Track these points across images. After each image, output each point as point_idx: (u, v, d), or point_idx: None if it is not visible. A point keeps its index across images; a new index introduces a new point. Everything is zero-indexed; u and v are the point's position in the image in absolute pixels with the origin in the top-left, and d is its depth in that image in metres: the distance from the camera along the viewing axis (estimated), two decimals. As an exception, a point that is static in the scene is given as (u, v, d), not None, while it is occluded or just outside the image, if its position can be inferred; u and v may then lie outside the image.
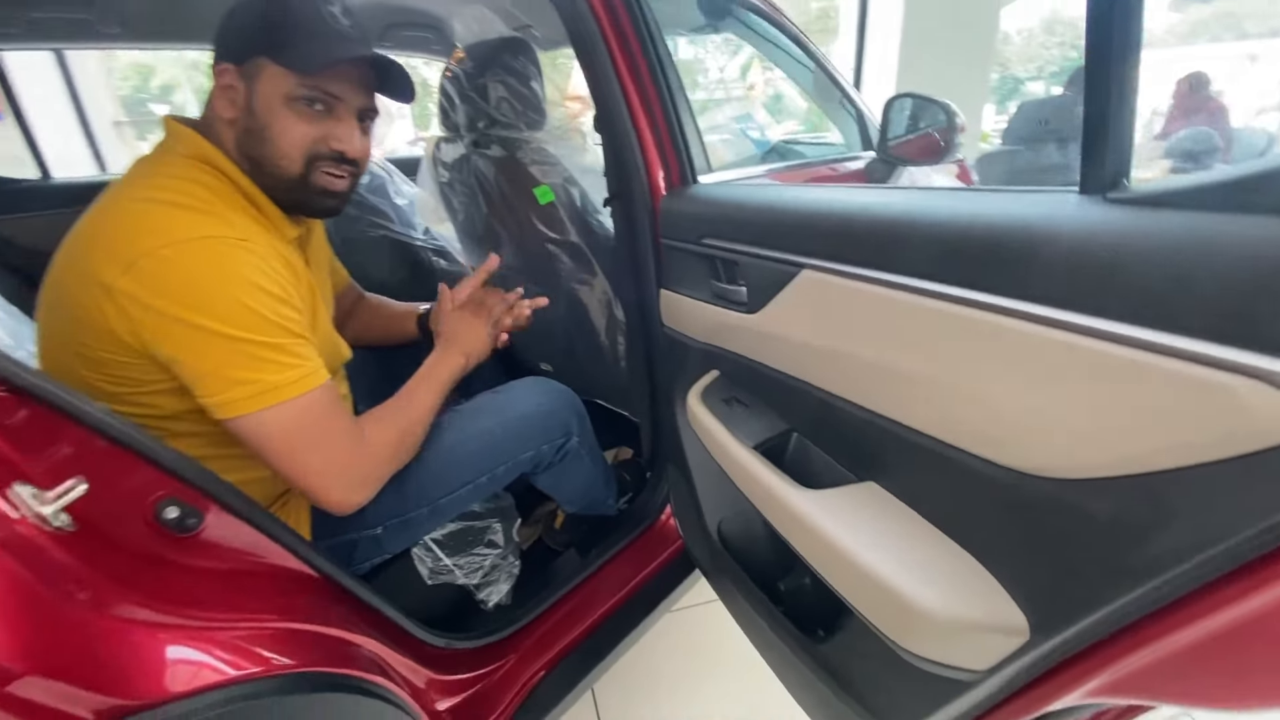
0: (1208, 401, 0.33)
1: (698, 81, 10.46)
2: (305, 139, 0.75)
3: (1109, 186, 0.39)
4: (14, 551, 0.48)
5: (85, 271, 0.65)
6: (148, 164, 0.74)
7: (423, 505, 0.87)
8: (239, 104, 0.74)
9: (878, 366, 0.58)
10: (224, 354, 0.65)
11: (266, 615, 0.65)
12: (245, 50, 0.73)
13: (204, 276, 0.65)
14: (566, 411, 1.01)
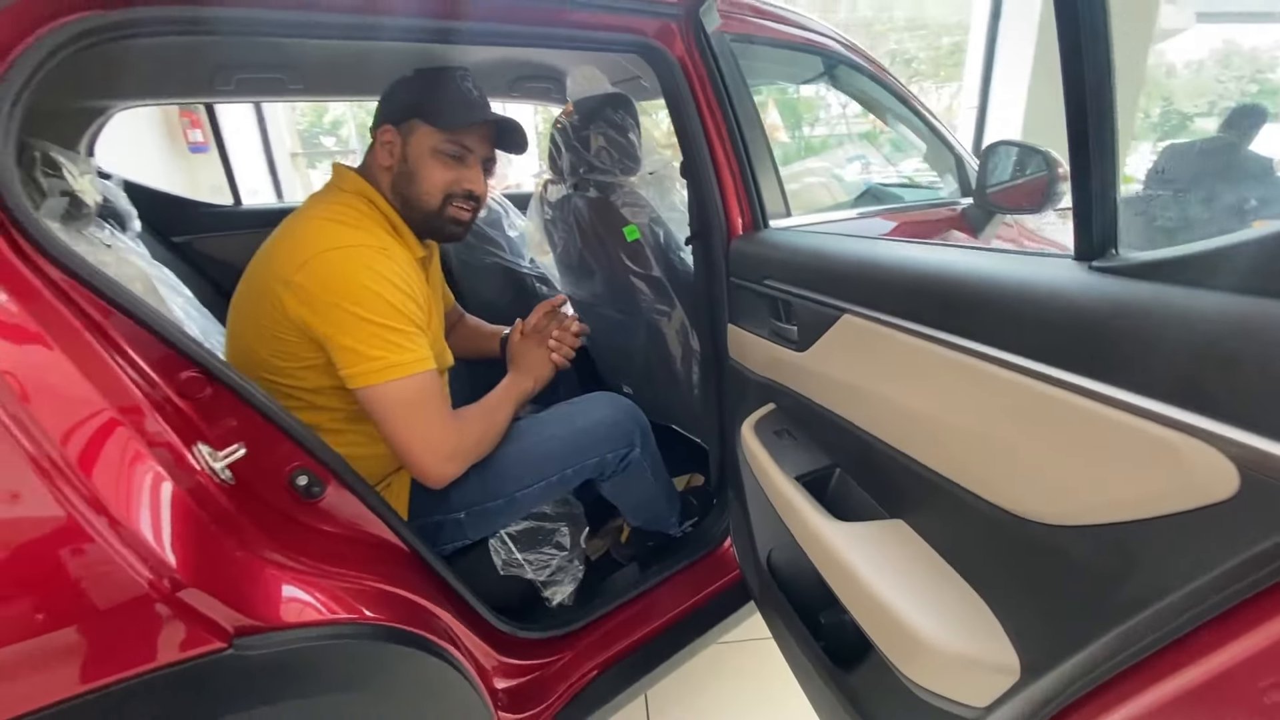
0: (1158, 458, 0.35)
1: (819, 117, 10.39)
2: (444, 181, 0.97)
3: (1096, 255, 0.43)
4: (194, 494, 0.63)
5: (273, 270, 0.86)
6: (322, 195, 0.97)
7: (500, 497, 1.00)
8: (395, 154, 0.96)
9: (903, 409, 0.62)
10: (361, 333, 0.83)
11: (365, 575, 0.78)
12: (403, 114, 0.96)
13: (353, 273, 0.84)
14: (630, 424, 1.11)
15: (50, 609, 0.54)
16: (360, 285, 0.83)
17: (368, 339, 0.83)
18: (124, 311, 0.65)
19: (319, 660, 0.67)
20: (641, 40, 1.02)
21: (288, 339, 0.87)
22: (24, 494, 0.52)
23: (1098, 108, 0.40)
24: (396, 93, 0.98)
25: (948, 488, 0.57)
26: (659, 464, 1.21)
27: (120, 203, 1.22)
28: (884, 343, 0.62)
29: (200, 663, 0.59)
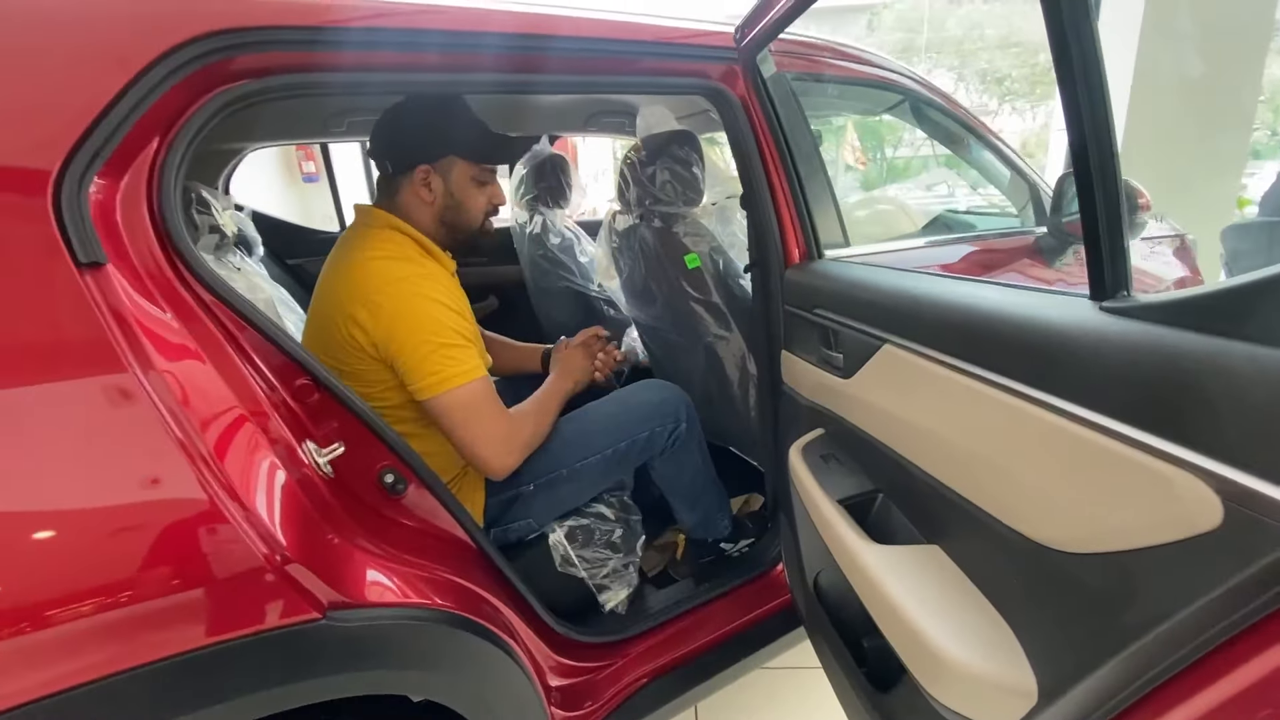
0: (1154, 490, 0.38)
1: (901, 139, 10.13)
2: (484, 203, 1.12)
3: (1107, 295, 0.45)
4: (301, 484, 0.74)
5: (339, 309, 0.98)
6: (360, 235, 1.06)
7: (563, 467, 1.13)
8: (436, 189, 1.07)
9: (937, 436, 0.64)
10: (420, 354, 0.95)
11: (439, 567, 0.88)
12: (437, 152, 1.06)
13: (409, 302, 0.96)
14: (677, 401, 1.24)
15: (188, 573, 0.65)
16: (415, 311, 0.96)
17: (426, 358, 0.95)
18: (254, 327, 0.77)
19: (396, 637, 0.76)
20: (707, 83, 1.09)
21: (365, 369, 1.00)
22: (176, 477, 0.64)
23: (1099, 152, 0.43)
24: (415, 134, 1.06)
25: (977, 514, 0.59)
26: (705, 448, 1.31)
27: (249, 231, 1.42)
28: (920, 373, 0.65)
29: (300, 628, 0.69)
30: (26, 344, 0.61)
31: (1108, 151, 0.43)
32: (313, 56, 0.80)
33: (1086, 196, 0.44)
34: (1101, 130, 0.43)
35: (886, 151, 10.67)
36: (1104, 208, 0.43)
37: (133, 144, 0.70)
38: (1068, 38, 0.44)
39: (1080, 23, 0.44)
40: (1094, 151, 0.43)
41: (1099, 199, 0.43)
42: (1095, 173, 0.43)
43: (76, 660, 0.59)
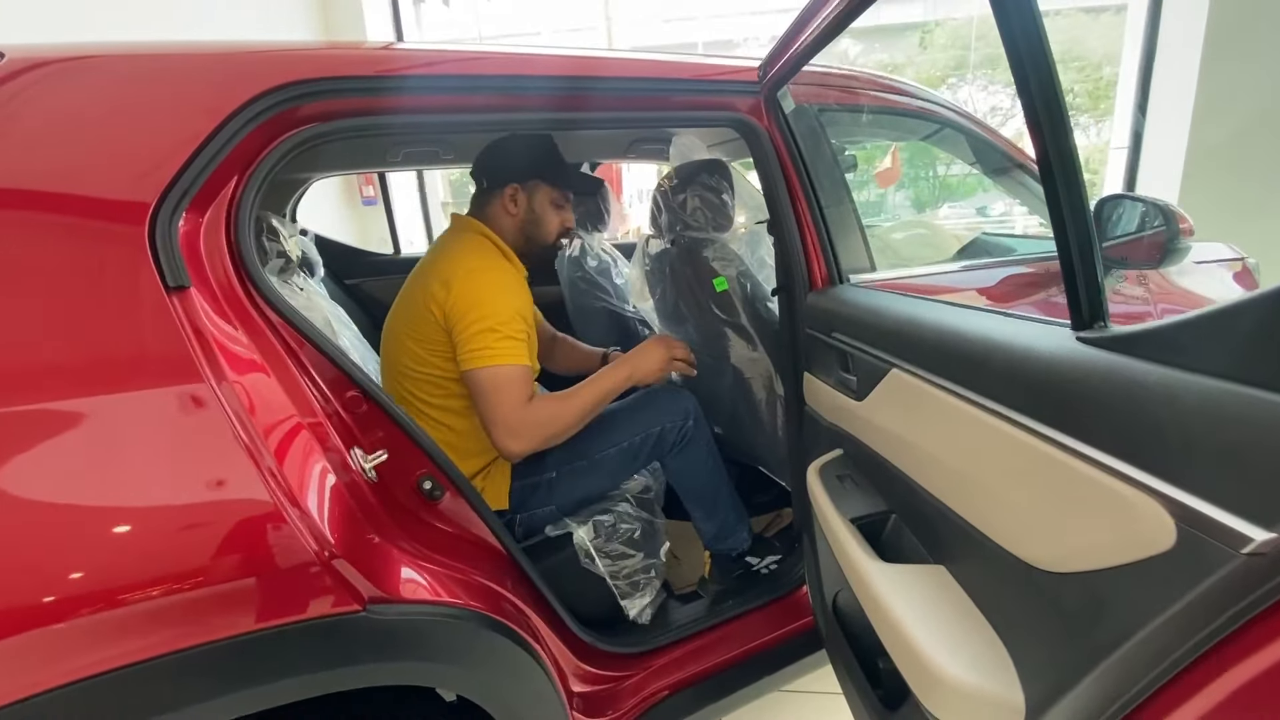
0: (1118, 511, 0.40)
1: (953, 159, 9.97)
2: (559, 223, 1.29)
3: (1084, 326, 0.47)
4: (349, 487, 0.82)
5: (424, 288, 1.14)
6: (457, 237, 1.24)
7: (584, 458, 1.25)
8: (520, 205, 1.24)
9: (938, 458, 0.66)
10: (473, 329, 1.09)
11: (471, 570, 0.94)
12: (527, 176, 1.24)
13: (482, 287, 1.12)
14: (685, 401, 1.33)
15: (249, 563, 0.72)
16: (479, 293, 1.11)
17: (476, 335, 1.09)
18: (312, 344, 0.86)
19: (428, 632, 0.82)
20: (735, 116, 1.15)
21: (431, 334, 1.14)
22: (242, 477, 0.71)
23: (1067, 185, 0.46)
24: (511, 159, 1.25)
25: (975, 535, 0.61)
26: (716, 454, 1.37)
27: (312, 254, 1.54)
28: (923, 396, 0.68)
29: (342, 619, 0.76)
30: (121, 356, 0.70)
31: (1075, 184, 0.46)
32: (370, 102, 0.89)
33: (1059, 230, 0.47)
34: (1067, 161, 0.46)
35: (938, 170, 10.47)
36: (1075, 241, 0.46)
37: (216, 182, 0.80)
38: (1025, 68, 0.47)
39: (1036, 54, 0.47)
40: (1062, 187, 0.46)
41: (1070, 233, 0.46)
42: (1065, 204, 0.46)
43: (155, 635, 0.67)
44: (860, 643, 0.99)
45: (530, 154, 1.25)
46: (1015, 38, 0.48)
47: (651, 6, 14.36)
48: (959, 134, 1.52)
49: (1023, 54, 0.48)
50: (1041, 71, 0.47)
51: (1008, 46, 0.49)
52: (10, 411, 0.64)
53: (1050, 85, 0.47)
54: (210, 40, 0.88)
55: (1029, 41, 0.47)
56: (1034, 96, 0.47)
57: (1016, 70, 0.48)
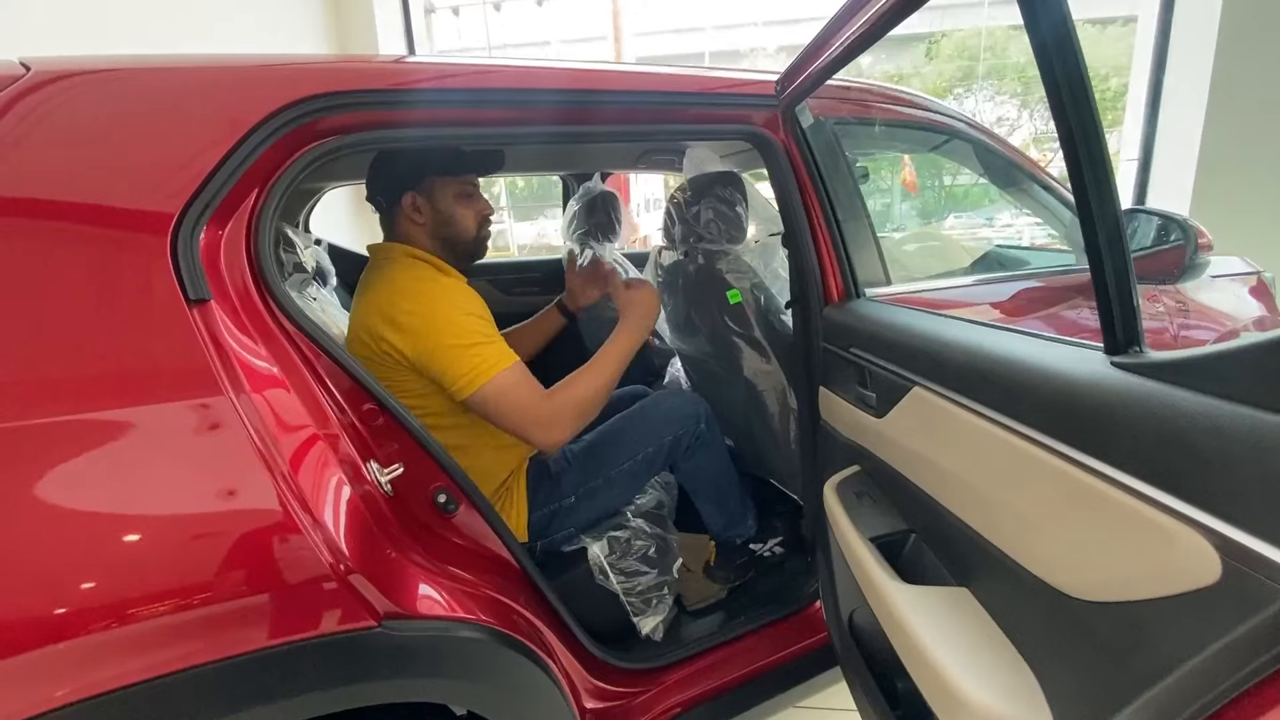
0: (1157, 542, 0.39)
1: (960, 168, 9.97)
2: (473, 215, 1.18)
3: (1119, 351, 0.47)
4: (365, 501, 0.81)
5: (370, 332, 1.06)
6: (382, 269, 1.14)
7: (599, 476, 1.23)
8: (425, 211, 1.15)
9: (963, 480, 0.65)
10: (451, 358, 1.02)
11: (485, 585, 0.93)
12: (418, 178, 1.15)
13: (433, 309, 1.04)
14: (695, 405, 1.32)
15: (265, 577, 0.72)
16: (436, 321, 1.04)
17: (455, 361, 1.02)
18: (329, 356, 0.86)
19: (444, 649, 0.81)
20: (750, 129, 1.14)
21: (403, 380, 1.08)
22: (259, 490, 0.71)
23: (1101, 206, 0.45)
24: (397, 165, 1.16)
25: (1001, 558, 0.60)
26: (724, 449, 1.36)
27: (325, 263, 1.54)
28: (947, 416, 0.67)
29: (358, 635, 0.75)
30: (141, 368, 0.70)
31: (1109, 204, 0.45)
32: (389, 115, 0.90)
33: (1094, 252, 0.46)
34: (1102, 181, 0.45)
35: (945, 180, 10.48)
36: (1110, 264, 0.45)
37: (237, 195, 0.80)
38: (1061, 94, 0.47)
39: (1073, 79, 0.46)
40: (1096, 208, 0.45)
41: (1105, 256, 0.45)
42: (1099, 228, 0.45)
43: (172, 650, 0.66)
44: (878, 662, 0.97)
45: (411, 154, 1.16)
46: (1049, 53, 0.47)
47: (660, 18, 14.47)
48: (967, 144, 1.51)
49: (1056, 71, 0.47)
50: (1076, 89, 0.46)
51: (1040, 62, 0.48)
52: (29, 425, 0.64)
53: (1085, 103, 0.46)
54: (232, 53, 0.89)
55: (1063, 58, 0.46)
56: (1068, 114, 0.47)
57: (1050, 88, 0.48)
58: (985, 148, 1.48)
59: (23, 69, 0.74)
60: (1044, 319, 1.32)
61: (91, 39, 2.20)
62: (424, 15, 4.74)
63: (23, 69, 0.74)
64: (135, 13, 2.43)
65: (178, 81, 0.81)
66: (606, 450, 1.25)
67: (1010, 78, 13.48)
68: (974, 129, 1.47)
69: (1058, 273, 1.55)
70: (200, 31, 2.82)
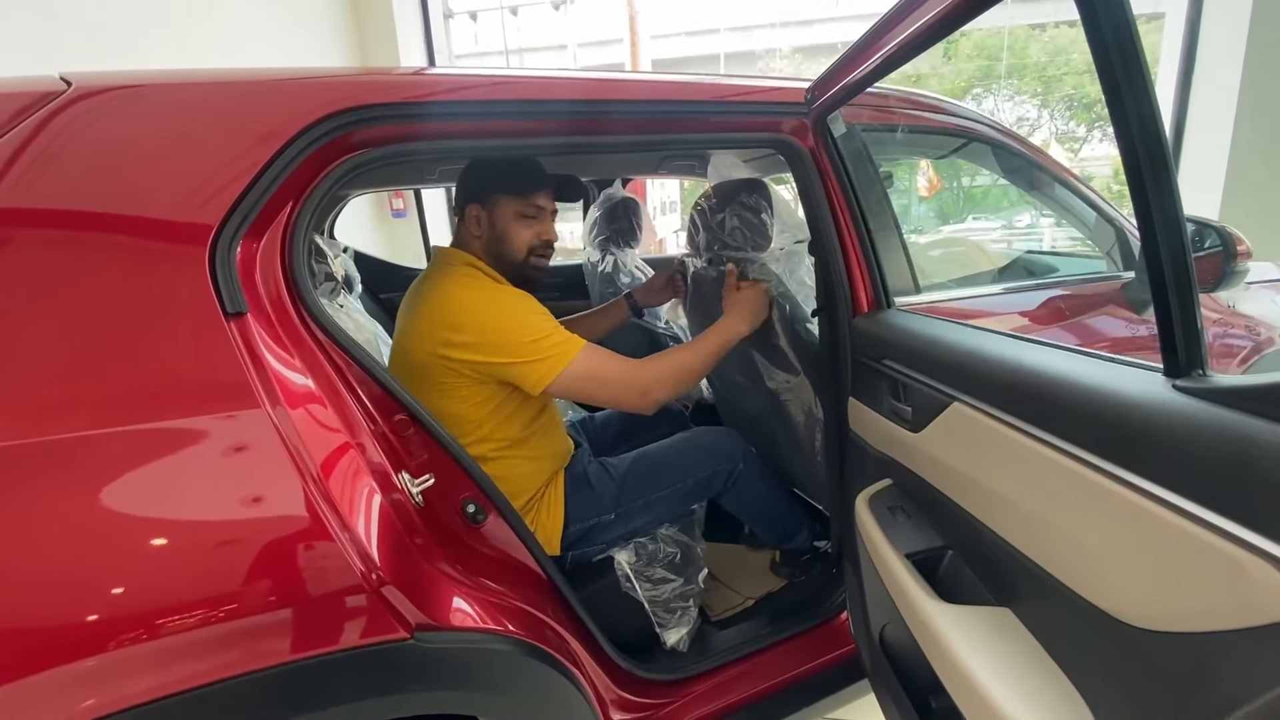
0: (1226, 573, 0.38)
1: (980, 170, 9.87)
2: (529, 236, 1.19)
3: (1181, 374, 0.45)
4: (397, 511, 0.81)
5: (430, 336, 1.08)
6: (442, 271, 1.18)
7: (639, 499, 1.24)
8: (484, 225, 1.18)
9: (1007, 499, 0.64)
10: (523, 353, 1.06)
11: (513, 595, 0.93)
12: (486, 193, 1.18)
13: (498, 313, 1.08)
14: (732, 445, 1.34)
15: (295, 590, 0.72)
16: (507, 320, 1.08)
17: (531, 355, 1.06)
18: (362, 367, 0.86)
19: (474, 661, 0.81)
20: (778, 137, 1.13)
21: (465, 388, 1.10)
22: (293, 501, 0.72)
23: (1164, 220, 0.43)
24: (472, 178, 1.21)
25: (1048, 580, 0.58)
26: (768, 482, 1.38)
27: (351, 271, 1.56)
28: (989, 434, 0.66)
29: (391, 647, 0.75)
30: (179, 382, 0.71)
31: (1173, 218, 0.43)
32: (421, 127, 0.90)
33: (1155, 271, 0.45)
34: (1165, 194, 0.43)
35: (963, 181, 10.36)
36: (1174, 283, 0.44)
37: (273, 208, 0.81)
38: (1122, 96, 0.45)
39: (1135, 80, 0.45)
40: (1160, 227, 0.44)
41: (1168, 274, 0.44)
42: (1164, 245, 0.44)
43: (209, 660, 0.67)
44: (910, 678, 0.96)
45: (487, 168, 1.20)
46: (1108, 53, 0.45)
47: (675, 20, 14.47)
48: (987, 147, 1.49)
49: (1116, 72, 0.45)
50: (1138, 91, 0.44)
51: (1099, 63, 0.46)
52: (71, 438, 0.65)
53: (1147, 105, 0.45)
54: (266, 67, 0.90)
55: (1124, 58, 0.45)
56: (1128, 117, 0.45)
57: (1109, 90, 0.46)
58: (1006, 149, 1.46)
59: (64, 84, 0.75)
60: (1079, 329, 1.29)
61: (127, 60, 2.24)
62: (443, 20, 4.78)
63: (64, 84, 0.75)
64: (164, 20, 2.47)
65: (214, 95, 0.82)
66: (648, 474, 1.27)
67: (1030, 77, 13.30)
68: (994, 130, 1.44)
69: (1088, 280, 1.52)
70: (225, 34, 2.87)
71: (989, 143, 1.45)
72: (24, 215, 0.70)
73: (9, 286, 0.67)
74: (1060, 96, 13.35)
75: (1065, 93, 13.40)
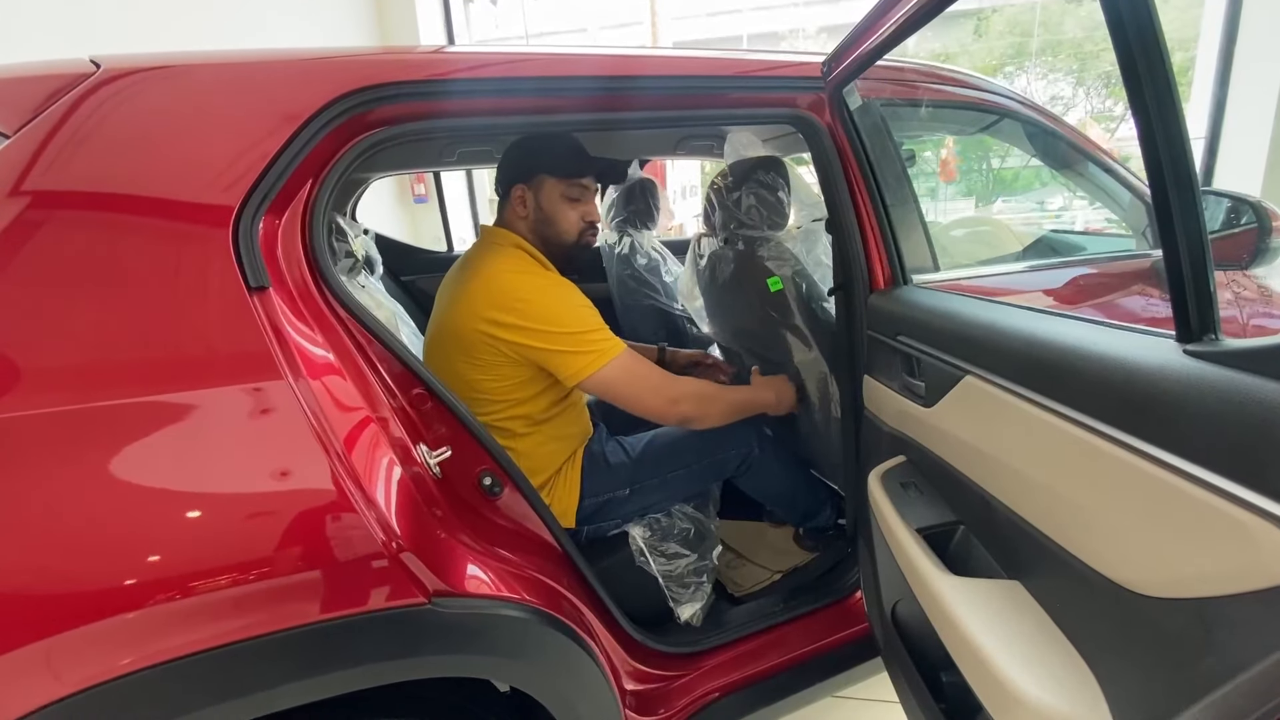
0: (1233, 537, 0.37)
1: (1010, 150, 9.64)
2: (576, 218, 1.20)
3: (1193, 338, 0.44)
4: (415, 482, 0.84)
5: (478, 314, 1.10)
6: (491, 253, 1.19)
7: (654, 477, 1.26)
8: (529, 205, 1.19)
9: (1018, 471, 0.64)
10: (569, 344, 1.09)
11: (529, 566, 0.95)
12: (529, 173, 1.18)
13: (549, 303, 1.10)
14: (748, 431, 1.34)
15: (318, 554, 0.74)
16: (552, 311, 1.09)
17: (574, 346, 1.09)
18: (381, 342, 0.88)
19: (489, 627, 0.84)
20: (794, 112, 1.12)
21: (502, 365, 1.13)
22: (315, 471, 0.74)
23: (1178, 186, 0.42)
24: (517, 157, 1.20)
25: (1058, 552, 0.58)
26: (786, 465, 1.40)
27: (373, 252, 1.58)
28: (1001, 406, 0.65)
29: (409, 611, 0.78)
30: (205, 353, 0.74)
31: (1186, 184, 0.43)
32: (439, 105, 0.91)
33: (1167, 233, 0.44)
34: (1179, 159, 0.43)
35: (993, 163, 10.09)
36: (1186, 247, 0.43)
37: (293, 185, 0.83)
38: (1135, 57, 0.44)
39: (1147, 42, 0.44)
40: (1172, 184, 0.43)
41: (1180, 238, 0.43)
42: (1175, 206, 0.43)
43: (235, 620, 0.70)
44: (922, 654, 0.96)
45: (532, 147, 1.20)
46: (1124, 25, 0.45)
47: (697, 2, 14.25)
48: (1018, 124, 1.45)
49: (1132, 42, 0.45)
50: (1153, 60, 0.44)
51: (1114, 35, 0.46)
52: (101, 406, 0.68)
53: (1163, 75, 0.44)
54: (286, 47, 0.91)
55: (1140, 29, 0.44)
56: (1143, 87, 0.44)
57: (1124, 60, 0.45)
58: (1039, 127, 1.42)
59: (93, 66, 0.77)
60: (1103, 306, 1.26)
61: (146, 40, 2.29)
62: (463, 3, 4.78)
63: (93, 66, 0.77)
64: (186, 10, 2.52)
65: (236, 75, 0.84)
66: (664, 453, 1.28)
67: (1065, 54, 12.84)
68: (1026, 107, 1.41)
69: (1115, 258, 1.48)
70: (244, 15, 2.90)
71: (1019, 119, 1.41)
72: (60, 197, 0.72)
73: (46, 265, 0.70)
74: (1097, 74, 12.87)
75: (1103, 69, 12.92)
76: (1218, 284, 1.26)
